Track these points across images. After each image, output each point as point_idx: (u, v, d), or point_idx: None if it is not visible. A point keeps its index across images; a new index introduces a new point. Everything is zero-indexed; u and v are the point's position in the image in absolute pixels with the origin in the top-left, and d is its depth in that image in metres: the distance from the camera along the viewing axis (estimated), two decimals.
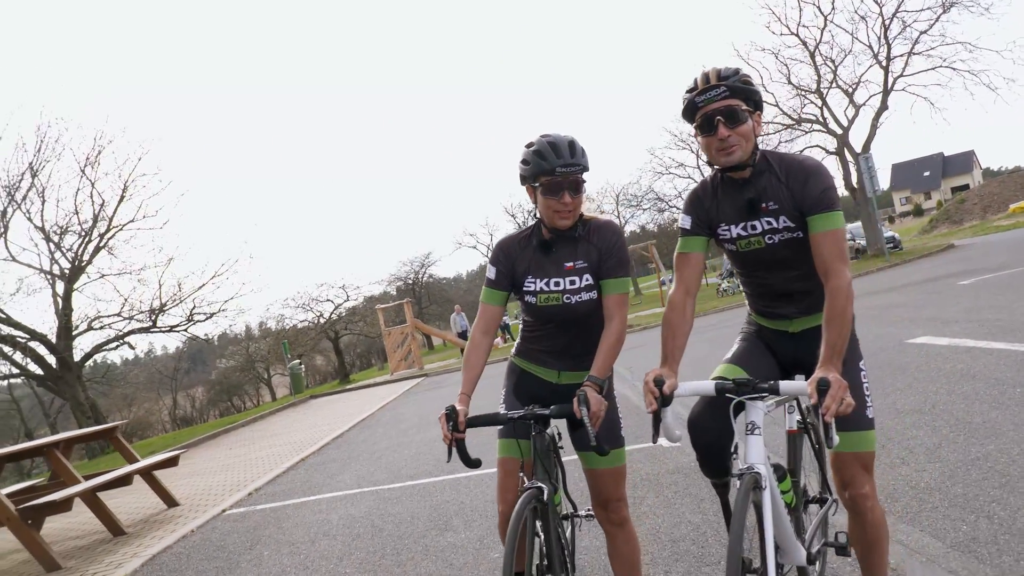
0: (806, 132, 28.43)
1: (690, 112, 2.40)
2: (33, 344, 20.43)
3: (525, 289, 2.81)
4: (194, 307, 22.77)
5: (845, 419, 2.26)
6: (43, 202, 20.59)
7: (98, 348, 22.07)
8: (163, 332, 22.46)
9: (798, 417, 2.82)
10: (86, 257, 21.23)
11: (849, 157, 26.80)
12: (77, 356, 21.16)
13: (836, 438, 2.14)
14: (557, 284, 2.75)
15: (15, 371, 20.94)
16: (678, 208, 37.66)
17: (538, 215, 2.76)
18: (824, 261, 2.28)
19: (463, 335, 27.80)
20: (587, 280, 2.73)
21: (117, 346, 22.20)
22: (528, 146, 2.66)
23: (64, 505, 6.62)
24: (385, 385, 23.60)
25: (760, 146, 2.46)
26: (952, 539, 3.27)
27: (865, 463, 2.41)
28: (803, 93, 27.51)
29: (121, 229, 21.67)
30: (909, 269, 20.27)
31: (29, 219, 20.58)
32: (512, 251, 2.84)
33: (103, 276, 21.54)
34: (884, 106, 26.46)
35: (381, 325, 28.00)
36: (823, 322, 2.21)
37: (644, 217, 42.98)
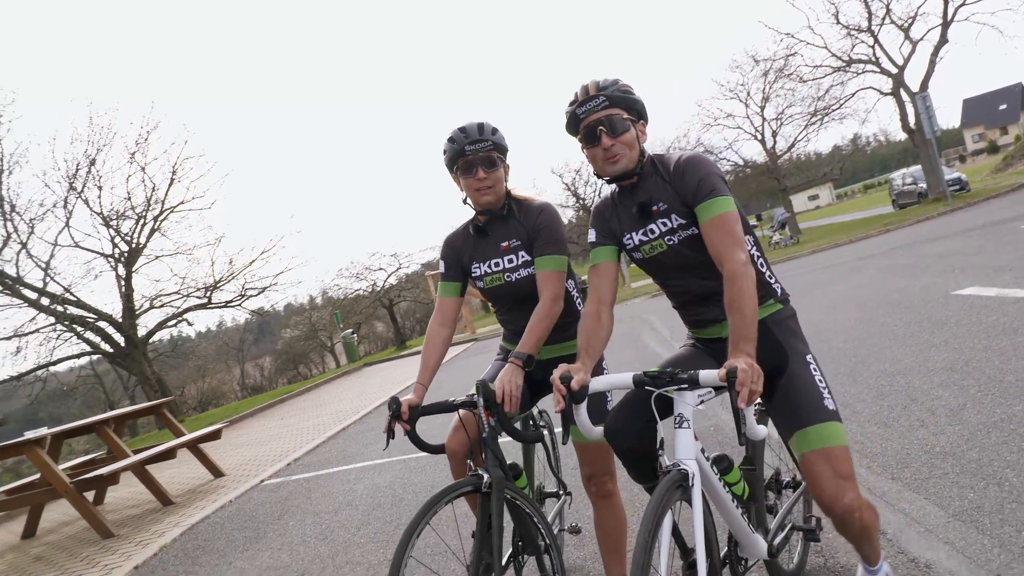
0: (858, 74, 27.24)
1: (573, 125, 2.40)
2: (101, 324, 21.34)
3: (473, 275, 2.94)
4: (245, 283, 23.42)
5: (798, 414, 2.19)
6: (100, 189, 21.31)
7: (160, 325, 22.93)
8: (218, 308, 23.19)
9: (756, 401, 2.73)
10: (142, 240, 21.96)
11: (906, 97, 25.58)
12: (142, 333, 22.00)
13: (760, 429, 2.04)
14: (497, 265, 2.86)
15: (88, 349, 21.90)
16: (727, 160, 36.59)
17: (466, 202, 2.87)
18: (715, 248, 2.18)
19: None
20: (524, 257, 2.82)
21: (176, 323, 23.05)
22: (448, 137, 2.80)
23: (112, 478, 6.93)
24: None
25: (657, 150, 2.43)
26: (956, 508, 3.13)
27: (837, 463, 2.13)
28: (853, 32, 26.29)
29: (172, 211, 22.32)
30: (972, 213, 19.34)
31: (88, 207, 21.35)
32: (456, 243, 2.98)
33: (158, 258, 22.28)
34: (944, 39, 25.08)
35: (432, 291, 28.30)
36: (726, 311, 2.09)
37: None
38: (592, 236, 2.54)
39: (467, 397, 2.58)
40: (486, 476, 2.47)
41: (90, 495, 8.86)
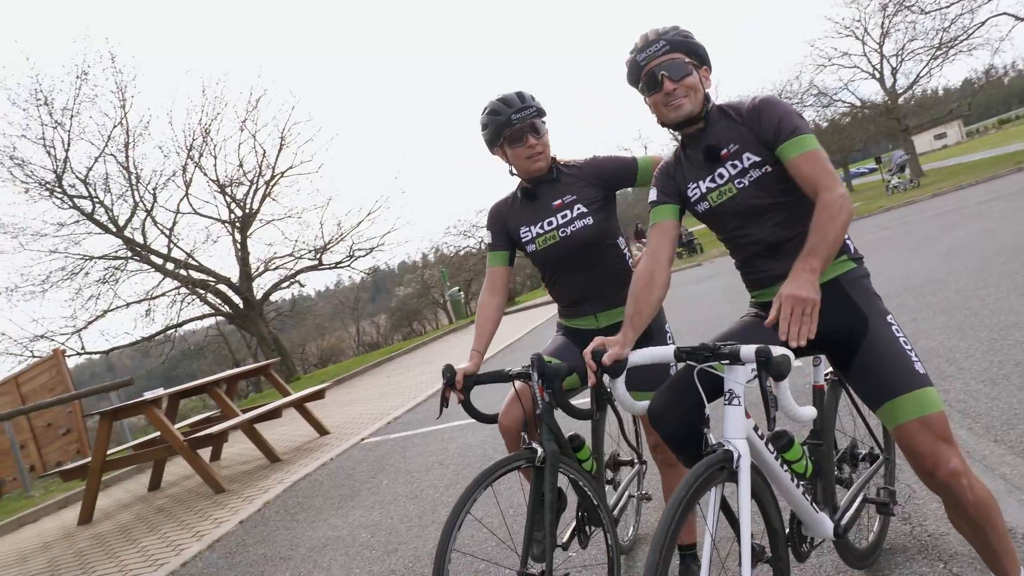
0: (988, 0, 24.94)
1: (634, 74, 2.31)
2: (221, 287, 22.61)
3: (523, 240, 2.86)
4: (353, 244, 24.16)
5: (888, 383, 2.01)
6: (215, 158, 22.38)
7: (275, 287, 24.08)
8: (328, 269, 24.07)
9: (827, 370, 2.54)
10: (255, 205, 22.98)
11: None
12: (258, 296, 23.17)
13: (806, 411, 1.83)
14: (550, 223, 2.79)
15: (210, 311, 23.29)
16: (843, 101, 34.50)
17: (514, 173, 2.84)
18: (811, 180, 2.05)
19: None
20: (579, 209, 2.75)
21: (289, 284, 24.12)
22: (482, 113, 2.77)
23: (222, 436, 7.35)
24: (544, 307, 23.97)
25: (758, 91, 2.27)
26: None
27: (938, 430, 1.96)
28: None
29: (283, 176, 23.20)
30: None
31: (205, 174, 22.50)
32: (502, 211, 2.95)
33: (270, 222, 23.28)
34: None
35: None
36: (811, 230, 1.96)
37: (807, 115, 39.80)
38: (653, 195, 2.42)
39: (523, 368, 2.53)
40: (540, 450, 2.44)
41: (207, 451, 9.50)
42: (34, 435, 13.73)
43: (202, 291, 22.60)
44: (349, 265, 24.49)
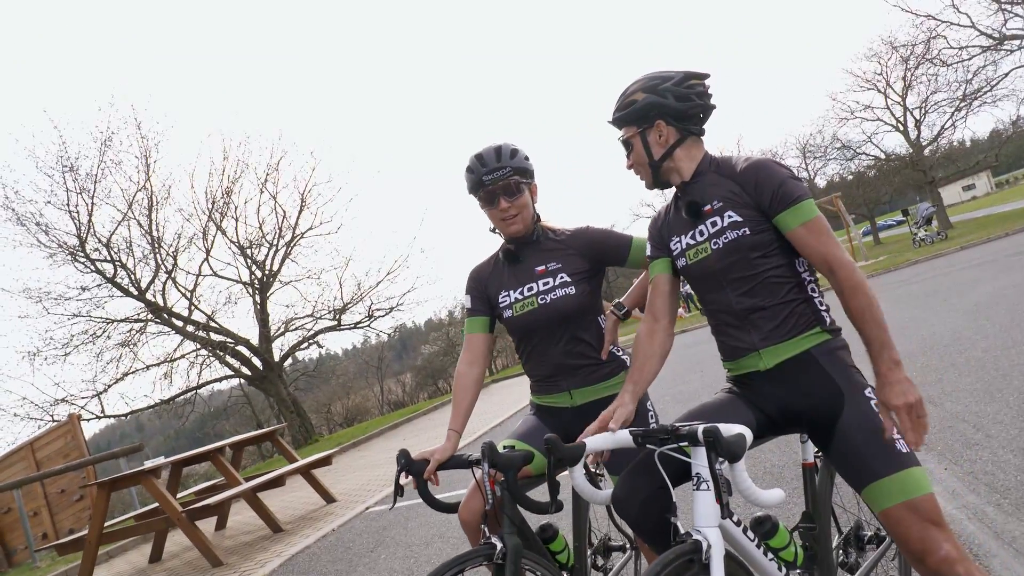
0: (1011, 52, 24.80)
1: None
2: (240, 348, 22.61)
3: (501, 305, 2.68)
4: (372, 303, 24.13)
5: (868, 464, 1.89)
6: (236, 220, 22.66)
7: (294, 348, 24.02)
8: (348, 329, 24.02)
9: (815, 448, 2.31)
10: (275, 266, 23.12)
11: None
12: (277, 356, 23.13)
13: (761, 493, 1.70)
14: (531, 289, 2.63)
15: (229, 372, 23.25)
16: (867, 155, 34.26)
17: (494, 230, 2.72)
18: (817, 253, 1.98)
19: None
20: (562, 278, 2.60)
21: (308, 345, 24.04)
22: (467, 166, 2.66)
23: (220, 507, 7.13)
24: None
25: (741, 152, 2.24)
26: None
27: (926, 514, 1.82)
28: (1006, 6, 23.96)
29: (302, 237, 23.38)
30: None
31: (226, 236, 22.74)
32: (483, 274, 2.79)
33: (289, 283, 23.38)
34: None
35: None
36: (855, 324, 1.92)
37: (831, 168, 39.57)
38: (648, 248, 2.36)
39: (476, 456, 2.34)
40: (499, 544, 2.20)
41: (211, 521, 9.26)
42: (47, 502, 13.56)
43: (221, 353, 22.60)
44: (368, 325, 24.45)
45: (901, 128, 31.62)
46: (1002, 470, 3.68)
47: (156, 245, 21.32)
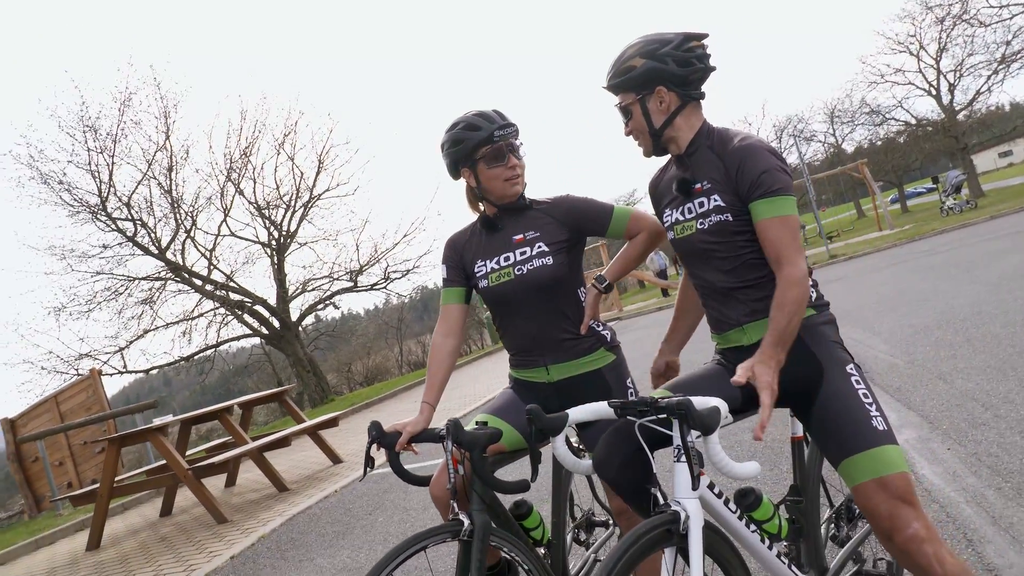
0: None
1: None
2: (258, 308, 22.79)
3: (477, 274, 2.59)
4: (388, 266, 24.12)
5: (843, 439, 1.92)
6: (254, 181, 22.66)
7: (311, 308, 24.17)
8: (364, 291, 24.06)
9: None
10: (292, 227, 23.14)
11: None
12: (295, 317, 23.31)
13: (735, 466, 1.71)
14: (507, 259, 2.53)
15: (247, 332, 23.47)
16: (897, 120, 33.38)
17: (482, 197, 2.58)
18: (774, 248, 1.97)
19: (662, 274, 27.44)
20: (540, 248, 2.50)
21: (324, 306, 24.16)
22: (452, 128, 2.53)
23: (225, 466, 7.22)
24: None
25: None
26: None
27: (897, 491, 1.83)
28: None
29: (319, 199, 23.34)
30: None
31: (244, 197, 22.76)
32: (459, 243, 2.69)
33: (305, 244, 23.42)
34: None
35: (604, 257, 27.95)
36: (772, 309, 1.93)
37: (859, 134, 38.58)
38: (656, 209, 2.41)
39: (439, 430, 2.26)
40: (467, 522, 2.14)
41: (223, 478, 9.38)
42: (72, 453, 13.88)
43: (239, 312, 22.79)
44: (384, 287, 24.47)
45: (934, 92, 30.76)
46: (1007, 452, 3.55)
47: (176, 205, 21.42)
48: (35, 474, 14.24)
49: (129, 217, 20.94)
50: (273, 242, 23.00)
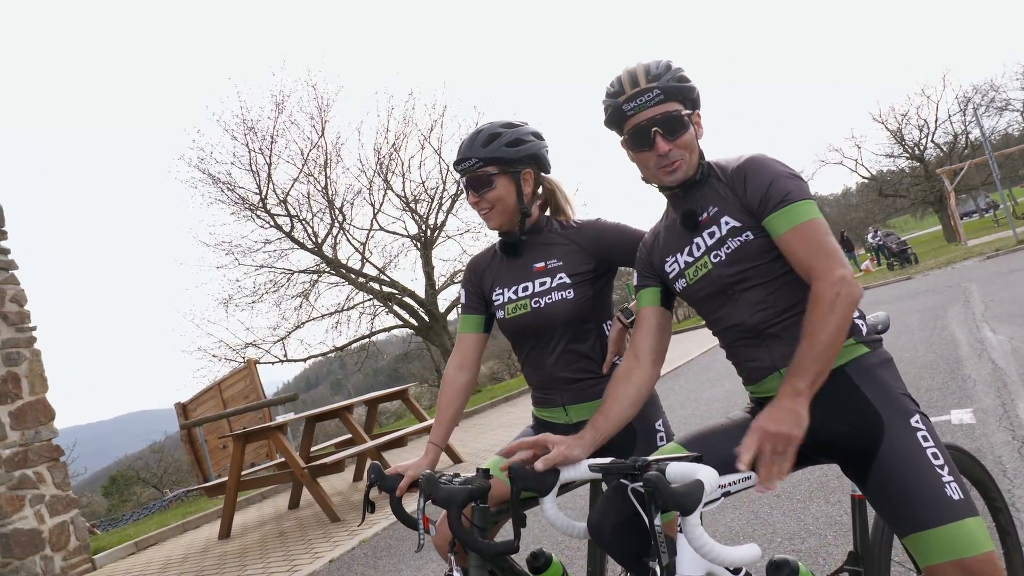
0: None
1: (616, 122, 1.93)
2: (407, 300, 23.49)
3: (495, 303, 2.40)
4: None
5: (911, 512, 1.62)
6: (403, 176, 23.29)
7: (456, 302, 24.57)
8: None
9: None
10: (438, 220, 23.61)
11: None
12: (442, 308, 23.80)
13: (724, 552, 1.40)
14: (525, 289, 2.33)
15: (398, 323, 24.28)
16: None
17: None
18: (803, 263, 1.72)
19: None
20: (560, 279, 2.28)
21: None
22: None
23: (339, 466, 7.31)
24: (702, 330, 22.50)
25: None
26: None
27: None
28: None
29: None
30: None
31: (392, 191, 23.45)
32: (479, 267, 2.49)
33: (451, 237, 23.81)
34: None
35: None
36: (802, 331, 1.65)
37: (1005, 120, 34.00)
38: (635, 277, 2.11)
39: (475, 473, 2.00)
40: None
41: (351, 472, 9.60)
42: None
43: (390, 303, 23.58)
44: None
45: None
46: None
47: (330, 201, 22.44)
48: (208, 453, 15.39)
49: (286, 213, 22.21)
50: (421, 235, 23.59)
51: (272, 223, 22.12)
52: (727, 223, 1.83)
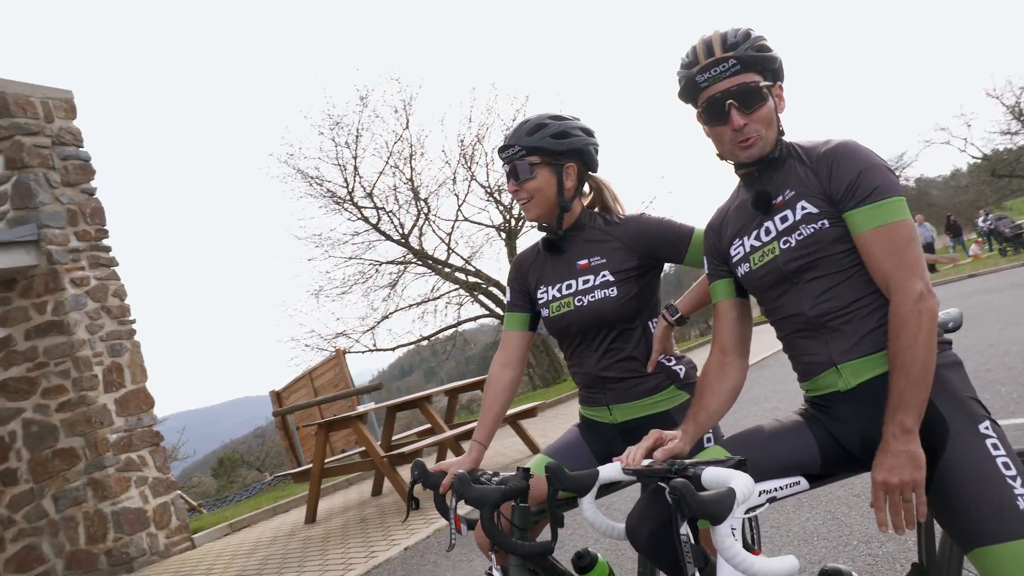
0: None
1: (691, 94, 1.85)
2: (492, 289, 23.68)
3: (540, 301, 2.40)
4: None
5: (977, 524, 1.53)
6: (487, 167, 23.45)
7: None
8: None
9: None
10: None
11: None
12: None
13: (758, 564, 1.35)
14: (569, 287, 2.30)
15: (485, 312, 24.53)
16: None
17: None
18: (881, 269, 1.65)
19: (928, 247, 24.54)
20: (604, 276, 2.25)
21: None
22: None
23: (417, 454, 7.45)
24: None
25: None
26: None
27: None
28: None
29: None
30: None
31: (477, 182, 23.66)
32: (525, 264, 2.50)
33: (534, 227, 23.75)
34: None
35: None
36: (889, 364, 1.61)
37: None
38: (707, 266, 2.05)
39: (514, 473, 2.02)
40: None
41: (430, 460, 9.76)
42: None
43: (476, 293, 23.82)
44: None
45: None
46: None
47: (416, 192, 22.83)
48: (300, 440, 15.98)
49: (373, 205, 22.73)
50: (505, 225, 23.71)
51: (359, 215, 22.70)
52: (803, 208, 1.74)
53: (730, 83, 1.75)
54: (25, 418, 7.81)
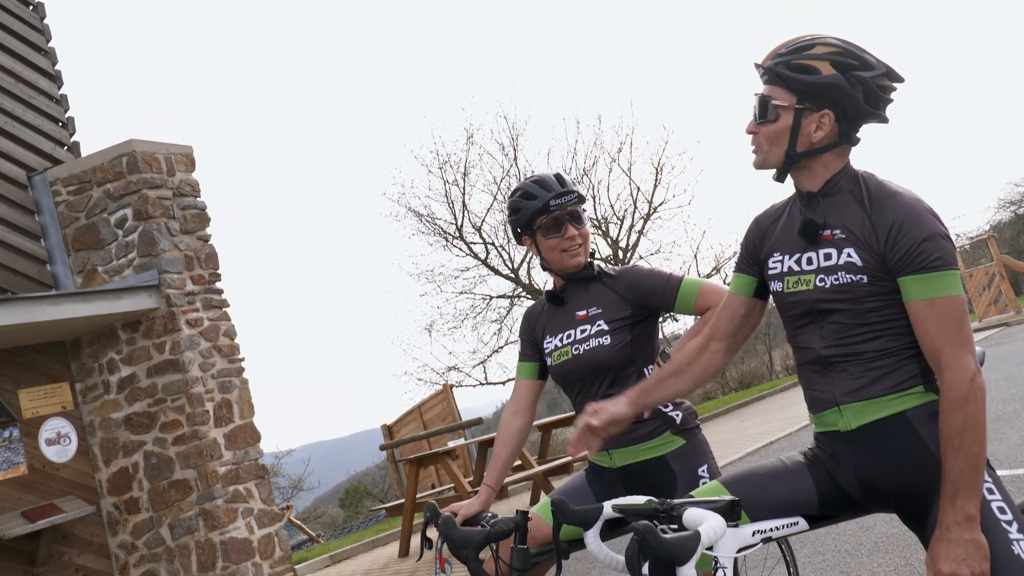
0: None
1: None
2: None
3: (546, 351, 2.53)
4: (726, 276, 23.11)
5: None
6: (594, 199, 23.42)
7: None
8: None
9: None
10: (629, 242, 23.47)
11: None
12: None
13: None
14: (569, 337, 2.46)
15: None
16: None
17: (546, 268, 2.58)
18: (931, 343, 1.63)
19: None
20: (599, 326, 2.40)
21: (664, 319, 23.95)
22: (512, 195, 2.53)
23: (503, 490, 7.49)
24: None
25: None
26: None
27: None
28: None
29: (655, 212, 23.30)
30: None
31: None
32: (533, 316, 2.65)
33: (643, 258, 23.49)
34: None
35: (960, 264, 24.06)
36: (941, 444, 1.59)
37: None
38: (737, 256, 2.08)
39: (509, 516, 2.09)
40: None
41: (526, 496, 9.75)
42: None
43: None
44: None
45: None
46: None
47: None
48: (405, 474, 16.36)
49: (482, 240, 23.15)
50: (613, 257, 23.57)
51: (468, 251, 23.16)
52: (848, 256, 1.71)
53: (761, 90, 1.81)
54: (146, 450, 8.42)
